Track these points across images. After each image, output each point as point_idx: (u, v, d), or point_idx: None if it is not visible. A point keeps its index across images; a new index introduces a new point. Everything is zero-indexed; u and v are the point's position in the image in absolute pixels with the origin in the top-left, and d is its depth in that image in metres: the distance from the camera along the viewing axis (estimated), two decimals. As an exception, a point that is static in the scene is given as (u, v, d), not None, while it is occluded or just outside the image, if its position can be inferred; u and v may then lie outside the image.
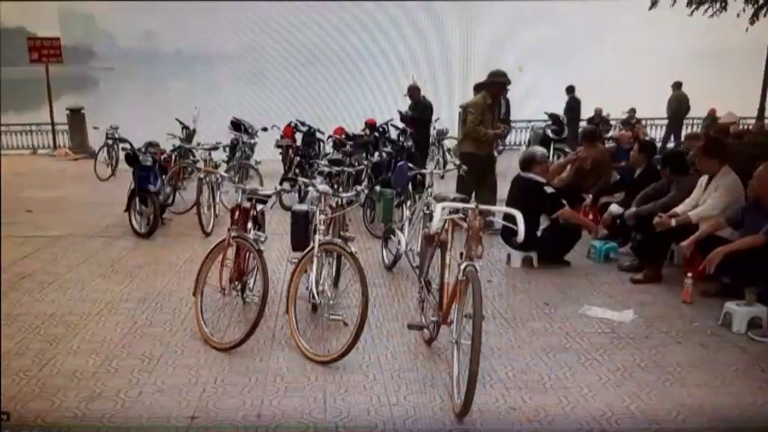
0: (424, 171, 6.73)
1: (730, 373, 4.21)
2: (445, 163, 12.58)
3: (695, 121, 17.24)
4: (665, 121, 17.24)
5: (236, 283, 4.94)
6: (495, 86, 7.89)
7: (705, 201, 5.89)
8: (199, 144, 9.81)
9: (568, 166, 8.28)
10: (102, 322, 5.02)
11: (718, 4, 14.18)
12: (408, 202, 6.64)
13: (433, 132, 12.66)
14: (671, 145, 15.83)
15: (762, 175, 5.29)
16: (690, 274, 5.47)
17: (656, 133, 17.78)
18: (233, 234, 4.78)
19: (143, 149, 8.26)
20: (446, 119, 14.18)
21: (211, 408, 3.72)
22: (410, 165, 6.89)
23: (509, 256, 6.68)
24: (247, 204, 5.00)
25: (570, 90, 16.01)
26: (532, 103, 15.98)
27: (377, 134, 11.16)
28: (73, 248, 7.23)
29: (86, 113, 16.28)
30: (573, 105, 15.67)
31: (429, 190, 6.26)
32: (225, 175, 6.52)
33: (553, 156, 12.26)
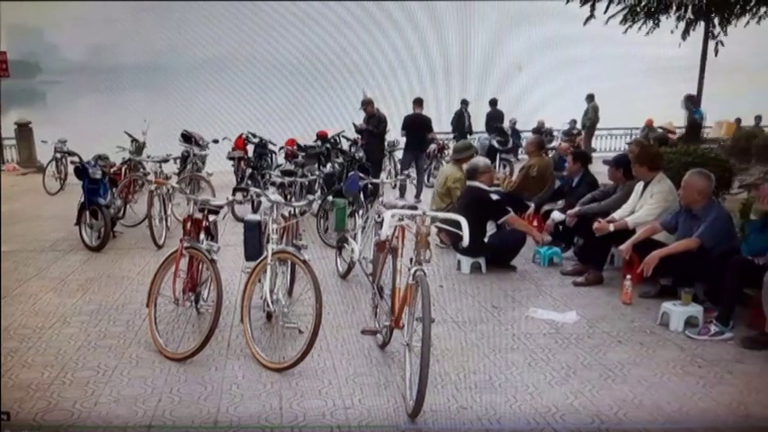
0: (375, 181, 6.86)
1: (669, 369, 4.40)
2: (396, 173, 12.80)
3: (633, 131, 17.92)
4: (612, 131, 17.91)
5: (190, 293, 4.93)
6: (464, 159, 8.05)
7: (641, 207, 6.14)
8: (149, 156, 9.76)
9: (515, 174, 8.60)
10: (56, 335, 4.99)
11: (651, 22, 14.66)
12: (361, 211, 6.74)
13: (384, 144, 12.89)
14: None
15: (687, 183, 5.52)
16: (629, 277, 5.70)
17: (602, 143, 18.38)
18: (185, 244, 4.78)
19: (92, 162, 8.18)
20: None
21: (168, 416, 3.75)
22: (361, 175, 7.01)
23: (459, 262, 6.85)
24: (199, 215, 5.01)
25: (493, 103, 16.39)
26: (525, 107, 16.32)
27: (329, 145, 11.29)
28: (24, 263, 7.12)
29: (34, 127, 15.95)
30: (494, 116, 16.10)
31: (380, 199, 6.38)
32: (176, 186, 6.51)
33: (499, 165, 12.65)
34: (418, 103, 11.71)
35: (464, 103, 15.79)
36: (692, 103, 14.42)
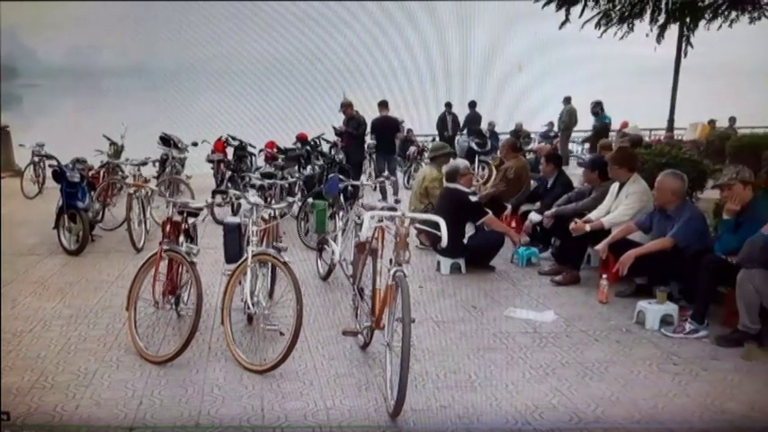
0: (355, 183, 6.90)
1: (645, 367, 4.47)
2: (377, 175, 12.85)
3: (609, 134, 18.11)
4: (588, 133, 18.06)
5: (170, 296, 4.93)
6: (442, 158, 8.14)
7: (617, 207, 6.23)
8: (127, 160, 9.71)
9: (493, 176, 8.68)
10: (36, 339, 4.96)
11: (625, 26, 14.85)
12: (341, 213, 6.76)
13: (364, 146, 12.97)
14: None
15: (661, 184, 5.62)
16: (605, 276, 5.79)
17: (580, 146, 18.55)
18: (165, 247, 4.77)
19: (70, 166, 8.13)
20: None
21: (149, 419, 3.75)
22: (341, 177, 7.04)
23: (439, 263, 6.91)
24: (179, 218, 5.01)
25: (472, 105, 16.55)
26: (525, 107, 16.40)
27: (308, 148, 11.31)
28: (2, 267, 7.01)
29: (12, 131, 15.75)
30: (473, 118, 16.27)
31: (360, 200, 6.42)
32: (155, 188, 6.49)
33: (478, 167, 12.76)
34: (384, 105, 11.90)
35: (448, 105, 15.95)
36: (601, 108, 14.81)
